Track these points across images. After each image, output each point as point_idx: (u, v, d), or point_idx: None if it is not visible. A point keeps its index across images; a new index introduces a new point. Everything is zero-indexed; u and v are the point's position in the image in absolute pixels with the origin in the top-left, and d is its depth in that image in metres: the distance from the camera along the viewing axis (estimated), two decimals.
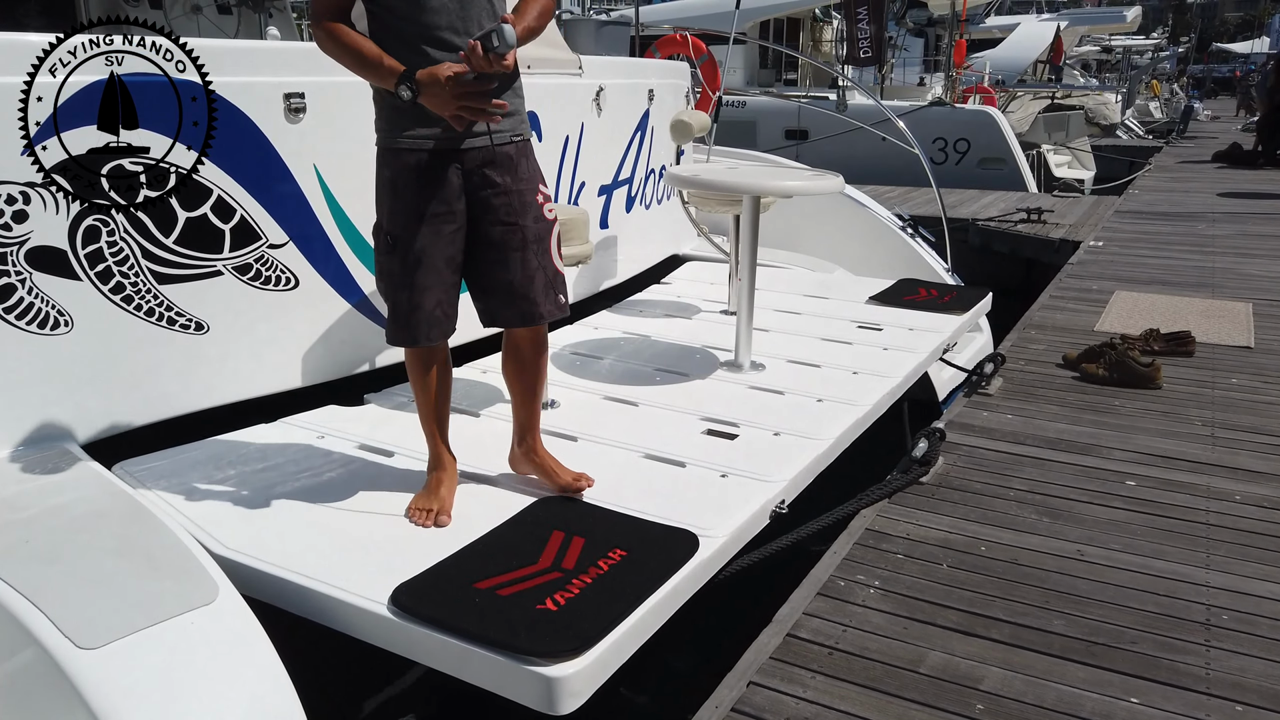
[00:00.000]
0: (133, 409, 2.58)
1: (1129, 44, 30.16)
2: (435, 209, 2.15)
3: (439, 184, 2.14)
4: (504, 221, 2.18)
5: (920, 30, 20.55)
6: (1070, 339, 4.55)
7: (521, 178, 2.19)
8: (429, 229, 2.16)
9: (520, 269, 2.20)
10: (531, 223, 2.20)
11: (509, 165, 2.18)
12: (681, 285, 4.88)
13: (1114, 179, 13.15)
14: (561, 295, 2.28)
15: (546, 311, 2.25)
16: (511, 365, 2.32)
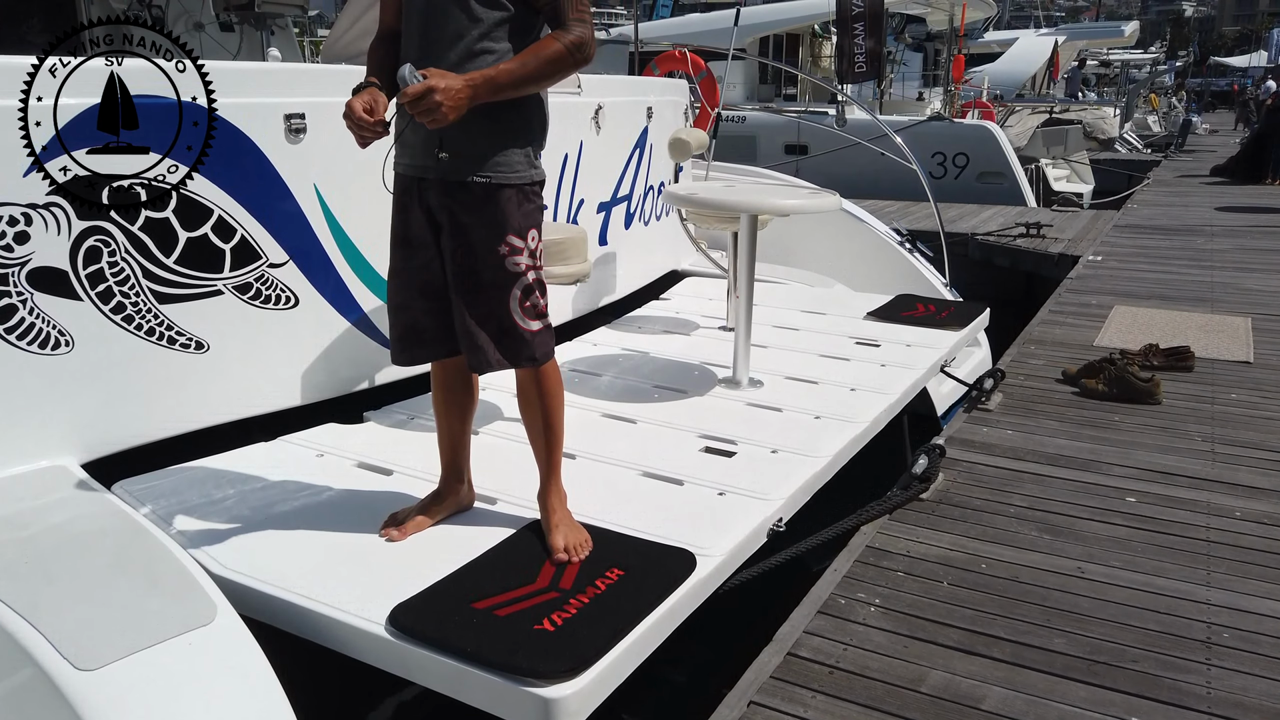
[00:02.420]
0: (132, 428, 2.58)
1: (1127, 58, 30.32)
2: (409, 234, 2.16)
3: (412, 210, 2.14)
4: (458, 262, 2.11)
5: (919, 45, 20.66)
6: (1069, 354, 4.56)
7: (485, 222, 2.09)
8: (403, 253, 2.18)
9: (469, 312, 2.12)
10: (486, 269, 2.09)
11: (473, 206, 2.08)
12: (680, 301, 4.89)
13: (1112, 193, 13.19)
14: (518, 347, 2.14)
15: (493, 360, 2.13)
16: (520, 401, 2.28)
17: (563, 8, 2.02)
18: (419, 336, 2.22)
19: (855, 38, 12.78)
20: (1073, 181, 14.14)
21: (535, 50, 2.00)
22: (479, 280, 2.10)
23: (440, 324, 2.21)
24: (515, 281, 2.12)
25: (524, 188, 2.13)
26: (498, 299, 2.10)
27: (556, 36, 2.02)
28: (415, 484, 2.58)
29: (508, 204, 2.10)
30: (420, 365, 2.33)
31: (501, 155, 2.08)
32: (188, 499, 2.42)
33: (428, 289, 2.18)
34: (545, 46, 2.00)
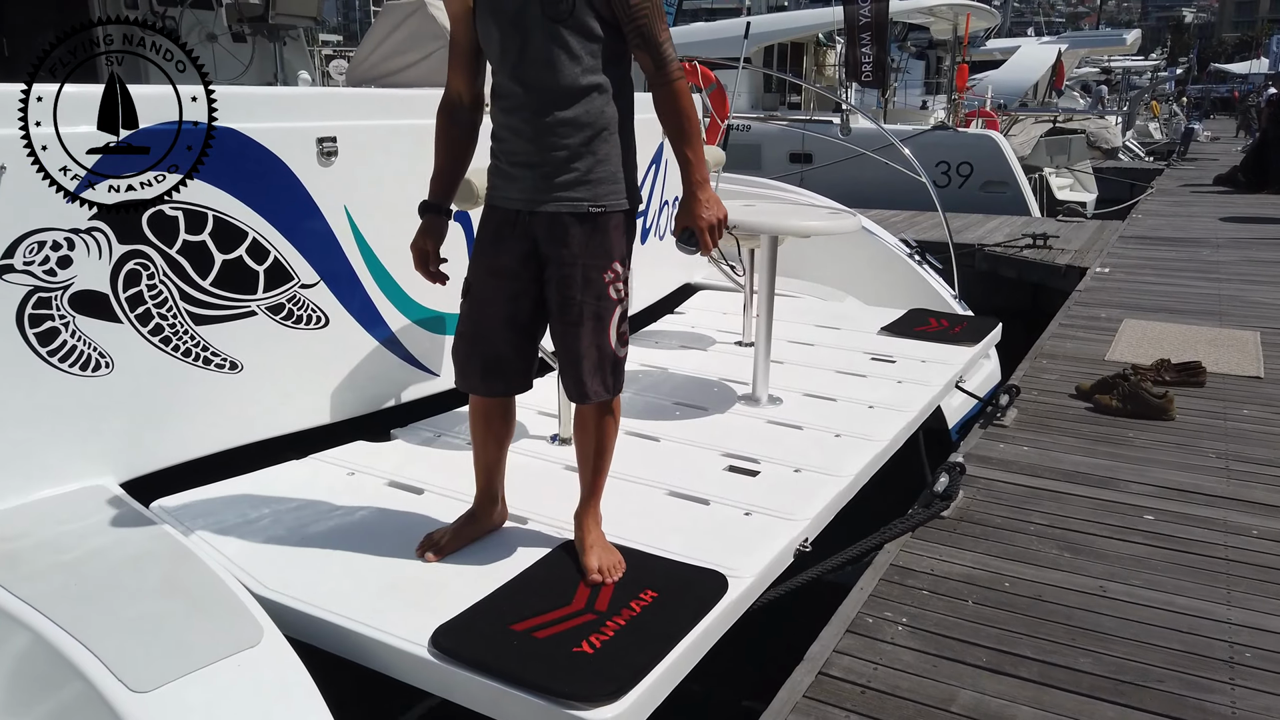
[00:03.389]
0: (168, 447, 2.62)
1: (1128, 65, 30.39)
2: (503, 266, 2.17)
3: (511, 242, 2.16)
4: (563, 292, 2.14)
5: (921, 53, 20.75)
6: (1082, 369, 4.60)
7: (592, 251, 2.12)
8: (494, 284, 2.19)
9: (573, 344, 2.16)
10: (591, 299, 2.13)
11: (579, 234, 2.11)
12: (695, 315, 4.93)
13: (1116, 201, 13.24)
14: (613, 377, 2.20)
15: (592, 392, 2.18)
16: (576, 425, 2.31)
17: (651, 32, 2.04)
18: (499, 368, 2.24)
19: (862, 47, 12.85)
20: (1076, 190, 14.20)
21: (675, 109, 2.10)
22: (583, 310, 2.13)
23: (521, 357, 2.24)
24: (615, 308, 2.17)
25: (627, 215, 2.18)
26: (600, 328, 2.15)
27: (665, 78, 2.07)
28: (446, 503, 2.62)
29: (615, 230, 2.15)
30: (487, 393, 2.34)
31: (614, 184, 2.13)
32: (225, 518, 2.45)
33: (514, 321, 2.20)
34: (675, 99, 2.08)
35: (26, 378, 2.30)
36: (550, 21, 2.00)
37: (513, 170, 2.13)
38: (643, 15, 2.03)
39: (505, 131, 2.13)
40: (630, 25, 2.04)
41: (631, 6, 2.02)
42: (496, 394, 2.31)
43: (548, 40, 2.02)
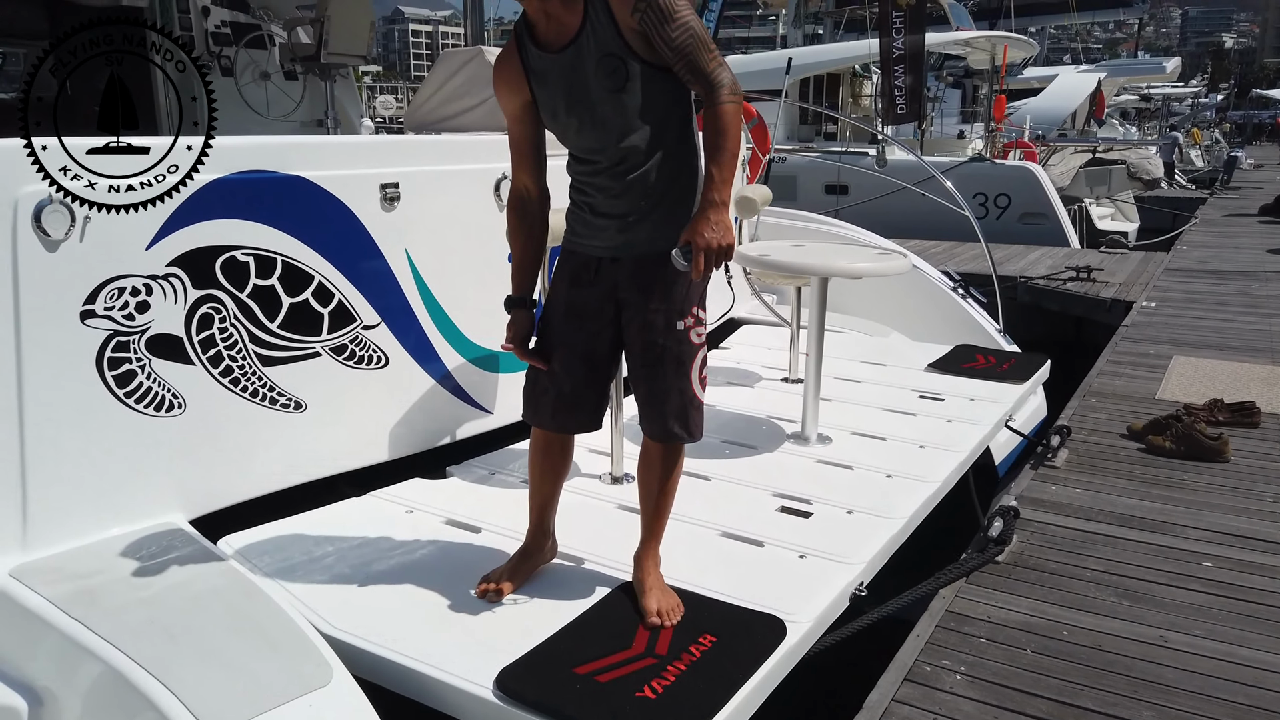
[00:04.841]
0: (235, 485, 2.69)
1: (1168, 92, 30.14)
2: (582, 304, 2.22)
3: (591, 284, 2.20)
4: (645, 336, 2.18)
5: (958, 82, 20.74)
6: (1132, 408, 4.56)
7: (671, 297, 2.15)
8: (571, 323, 2.24)
9: (655, 385, 2.20)
10: (673, 343, 2.17)
11: (662, 283, 2.15)
12: (740, 351, 4.96)
13: (1158, 231, 13.11)
14: (694, 421, 2.23)
15: (675, 433, 2.22)
16: (641, 464, 2.34)
17: (699, 62, 2.01)
18: (576, 404, 2.28)
19: (896, 79, 12.89)
20: (1117, 220, 14.10)
21: (715, 129, 2.00)
22: (665, 354, 2.16)
23: (597, 394, 2.29)
24: (696, 353, 2.20)
25: None
26: (682, 373, 2.18)
27: (713, 102, 2.01)
28: (503, 541, 2.65)
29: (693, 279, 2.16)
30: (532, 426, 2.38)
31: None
32: (291, 555, 2.51)
33: (591, 358, 2.25)
34: (718, 119, 2.00)
35: (104, 419, 2.37)
36: (613, 91, 2.04)
37: (595, 220, 2.18)
38: (686, 47, 2.01)
39: (586, 186, 2.17)
40: (678, 62, 2.03)
41: (674, 46, 2.00)
42: (566, 431, 2.35)
43: (613, 111, 2.05)
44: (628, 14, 2.01)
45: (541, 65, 2.11)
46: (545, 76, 2.11)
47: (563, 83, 2.08)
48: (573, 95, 2.07)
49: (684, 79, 2.08)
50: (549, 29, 2.09)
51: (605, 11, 2.02)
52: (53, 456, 2.29)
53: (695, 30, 2.01)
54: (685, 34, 2.00)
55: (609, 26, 2.03)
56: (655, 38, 2.01)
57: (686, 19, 2.01)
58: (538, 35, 2.11)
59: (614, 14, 2.01)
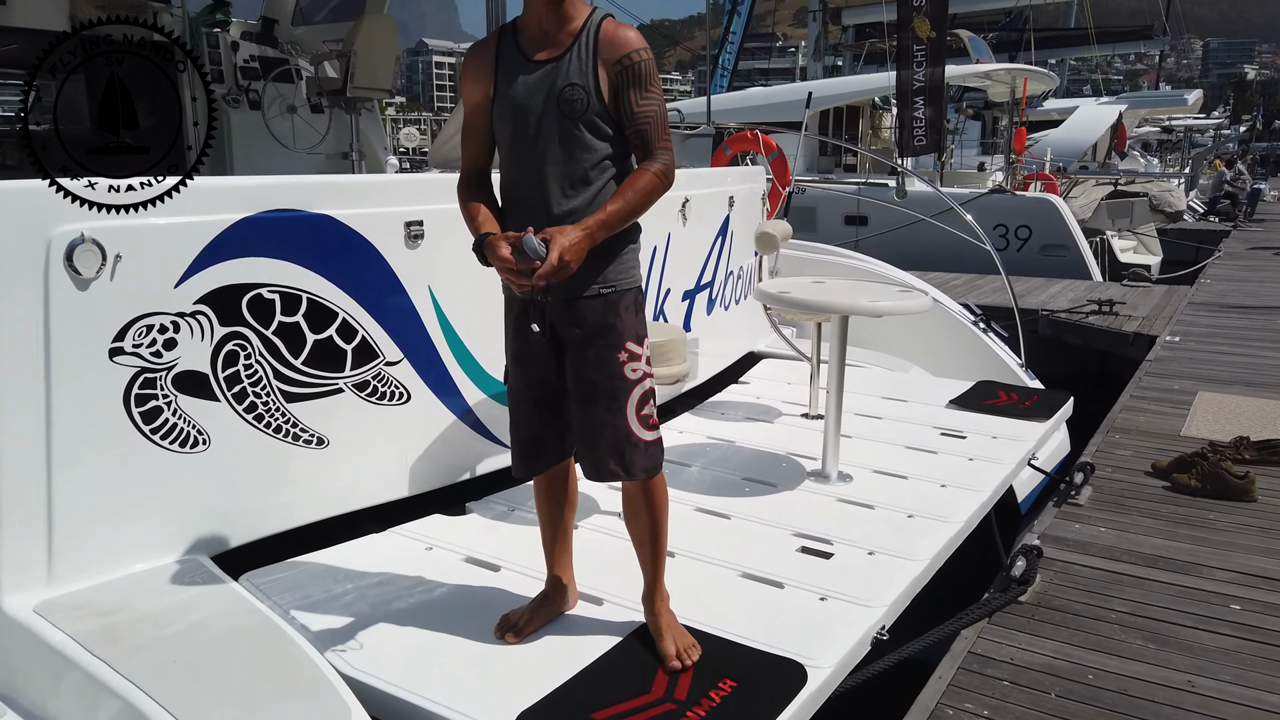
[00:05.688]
0: (258, 521, 2.70)
1: (1190, 124, 30.04)
2: (526, 351, 2.26)
3: (529, 328, 2.24)
4: (578, 373, 2.21)
5: (978, 114, 20.77)
6: (1156, 444, 4.51)
7: (604, 332, 2.18)
8: (521, 369, 2.29)
9: (588, 423, 2.21)
10: (605, 379, 2.18)
11: (593, 318, 2.18)
12: (760, 385, 4.95)
13: (1181, 263, 13.02)
14: (632, 459, 2.21)
15: (611, 472, 2.21)
16: (625, 509, 2.36)
17: (650, 138, 2.15)
18: (538, 448, 2.31)
19: (915, 111, 12.92)
20: (1140, 253, 14.01)
21: (632, 184, 2.12)
22: (598, 390, 2.19)
23: (556, 431, 2.31)
24: (633, 389, 2.21)
25: (637, 292, 2.24)
26: (615, 408, 2.19)
27: (646, 168, 2.14)
28: (522, 580, 2.65)
29: (625, 312, 2.21)
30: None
31: (615, 264, 2.20)
32: (311, 593, 2.51)
33: (543, 401, 2.28)
34: (639, 179, 2.12)
35: (130, 455, 2.40)
36: (564, 118, 2.10)
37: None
38: (647, 118, 2.13)
39: (515, 224, 2.16)
40: (632, 128, 2.14)
41: (635, 113, 2.12)
42: (537, 472, 2.38)
43: (561, 134, 2.11)
44: (611, 61, 2.10)
45: (513, 71, 2.16)
46: (513, 79, 2.15)
47: (526, 92, 2.13)
48: (530, 108, 2.12)
49: (631, 142, 2.17)
50: (538, 39, 2.15)
51: (592, 47, 2.10)
52: (79, 493, 2.32)
53: (660, 110, 2.15)
54: (651, 107, 2.13)
55: (590, 60, 2.10)
56: (623, 96, 2.11)
57: (657, 95, 2.14)
58: (523, 41, 2.17)
59: (599, 53, 2.10)
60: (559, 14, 2.12)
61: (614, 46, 2.10)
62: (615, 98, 2.12)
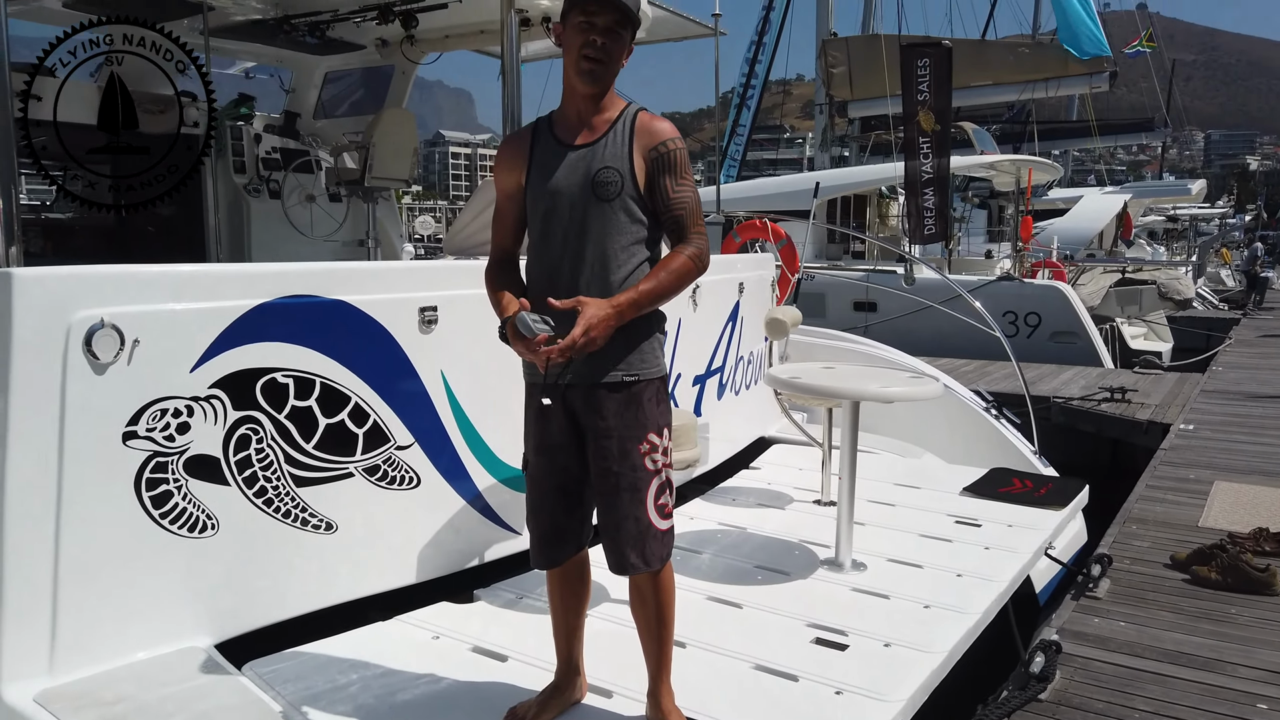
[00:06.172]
0: (263, 609, 2.67)
1: (1195, 212, 30.38)
2: (548, 439, 2.25)
3: (551, 417, 2.23)
4: (600, 463, 2.20)
5: (984, 202, 21.08)
6: (1174, 535, 4.44)
7: (626, 423, 2.17)
8: (543, 458, 2.27)
9: (610, 514, 2.20)
10: (627, 470, 2.17)
11: (613, 407, 2.17)
12: (771, 471, 4.92)
13: (1192, 351, 13.02)
14: (651, 550, 2.20)
15: (630, 564, 2.20)
16: (632, 599, 2.32)
17: (685, 223, 2.20)
18: (559, 537, 2.29)
19: (925, 201, 13.13)
20: (1150, 340, 14.02)
21: (665, 265, 2.16)
22: (619, 481, 2.17)
23: (577, 521, 2.29)
24: (652, 480, 2.20)
25: (662, 382, 2.24)
26: (637, 500, 2.17)
27: (680, 250, 2.17)
28: (530, 671, 2.59)
29: (649, 402, 2.20)
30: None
31: (639, 352, 2.20)
32: (315, 685, 2.46)
33: (565, 490, 2.26)
34: (673, 261, 2.16)
35: (138, 540, 2.39)
36: (598, 200, 2.14)
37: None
38: (683, 204, 2.18)
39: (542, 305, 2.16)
40: (667, 214, 2.19)
41: (671, 199, 2.17)
42: (557, 563, 2.34)
43: (593, 217, 2.15)
44: (646, 148, 2.15)
45: (548, 156, 2.21)
46: (546, 165, 2.20)
47: (561, 175, 2.17)
48: (564, 191, 2.17)
49: (666, 227, 2.21)
50: (575, 128, 2.21)
51: (628, 134, 2.16)
52: (85, 580, 2.30)
53: (694, 196, 2.20)
54: (685, 193, 2.18)
55: (625, 145, 2.16)
56: (658, 182, 2.15)
57: (690, 183, 2.20)
58: (559, 130, 2.23)
59: (634, 138, 2.16)
60: (597, 106, 2.19)
61: (649, 134, 2.16)
62: (650, 184, 2.16)
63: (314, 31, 5.69)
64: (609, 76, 2.17)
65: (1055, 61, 18.10)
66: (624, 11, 2.13)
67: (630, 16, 2.15)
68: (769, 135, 33.80)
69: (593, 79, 2.15)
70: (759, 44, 23.56)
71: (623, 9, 2.12)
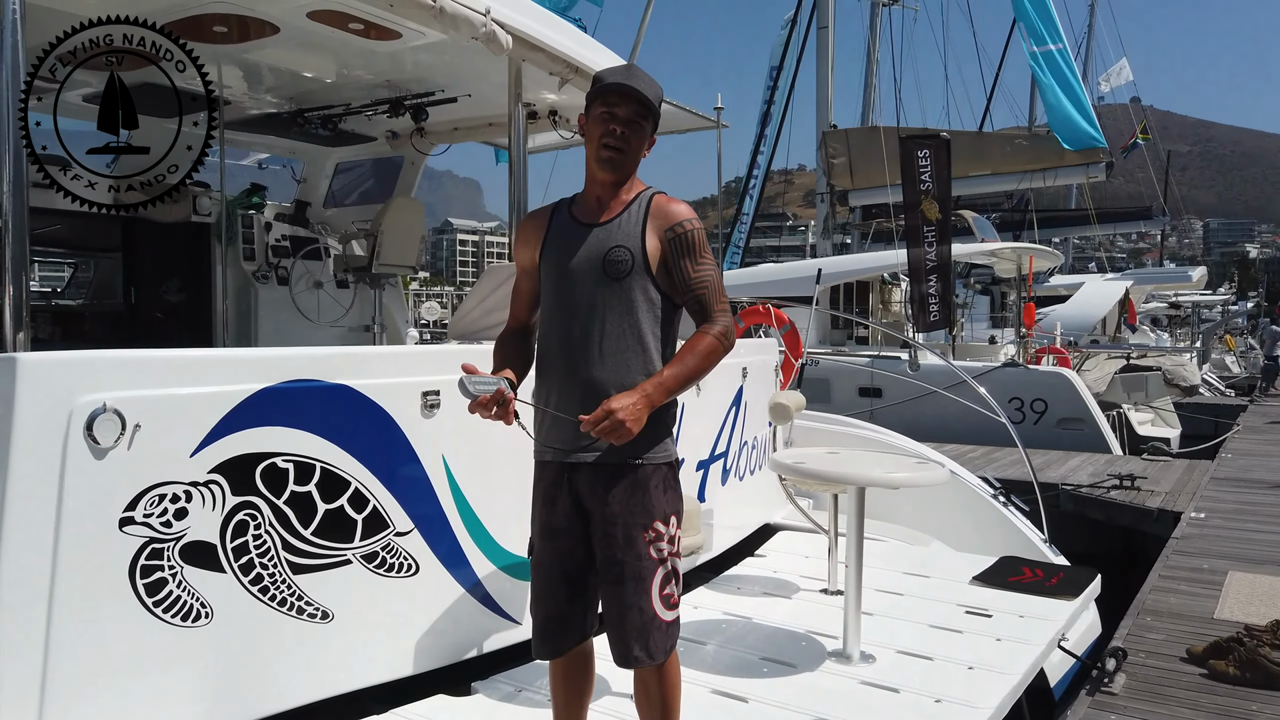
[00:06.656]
0: (256, 701, 2.59)
1: (1197, 299, 30.55)
2: (554, 523, 2.22)
3: (558, 499, 2.21)
4: (604, 550, 2.16)
5: (986, 289, 21.24)
6: (1190, 628, 4.34)
7: (632, 509, 2.14)
8: (548, 543, 2.24)
9: (614, 604, 2.16)
10: (631, 558, 2.13)
11: (619, 491, 2.14)
12: (776, 559, 4.84)
13: (1200, 437, 12.93)
14: (656, 642, 2.15)
15: (635, 657, 2.15)
16: (637, 693, 2.27)
17: (709, 302, 2.20)
18: (561, 626, 2.24)
19: (929, 287, 13.23)
20: (1158, 426, 13.93)
21: (692, 348, 2.15)
22: (623, 570, 2.13)
23: (580, 610, 2.24)
24: (657, 569, 2.15)
25: (670, 468, 2.21)
26: (641, 590, 2.13)
27: (706, 330, 2.17)
28: None
29: (655, 489, 2.18)
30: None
31: (648, 435, 2.17)
32: None
33: (569, 577, 2.22)
34: (700, 343, 2.15)
35: (130, 629, 2.33)
36: (609, 278, 2.15)
37: (556, 419, 2.21)
38: (703, 287, 2.19)
39: (551, 380, 2.21)
40: (689, 295, 2.19)
41: (691, 279, 2.18)
42: (560, 653, 2.29)
43: (603, 295, 2.17)
44: (661, 229, 2.17)
45: (564, 234, 2.24)
46: (562, 242, 2.23)
47: (574, 253, 2.21)
48: (576, 268, 2.19)
49: (689, 308, 2.22)
50: (593, 209, 2.25)
51: (642, 215, 2.18)
52: (74, 667, 2.24)
53: (715, 275, 2.21)
54: (706, 273, 2.20)
55: (639, 226, 2.19)
56: (674, 265, 2.16)
57: (711, 262, 2.21)
58: (577, 210, 2.28)
59: (648, 219, 2.18)
60: (617, 191, 2.23)
61: (665, 216, 2.19)
62: (668, 266, 2.18)
63: (326, 124, 5.84)
64: (629, 165, 2.22)
65: (1052, 152, 18.44)
66: (644, 103, 2.19)
67: (650, 108, 2.21)
68: (772, 223, 34.35)
69: (612, 167, 2.20)
70: (761, 135, 24.11)
71: (643, 100, 2.18)
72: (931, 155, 13.07)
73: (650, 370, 2.17)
